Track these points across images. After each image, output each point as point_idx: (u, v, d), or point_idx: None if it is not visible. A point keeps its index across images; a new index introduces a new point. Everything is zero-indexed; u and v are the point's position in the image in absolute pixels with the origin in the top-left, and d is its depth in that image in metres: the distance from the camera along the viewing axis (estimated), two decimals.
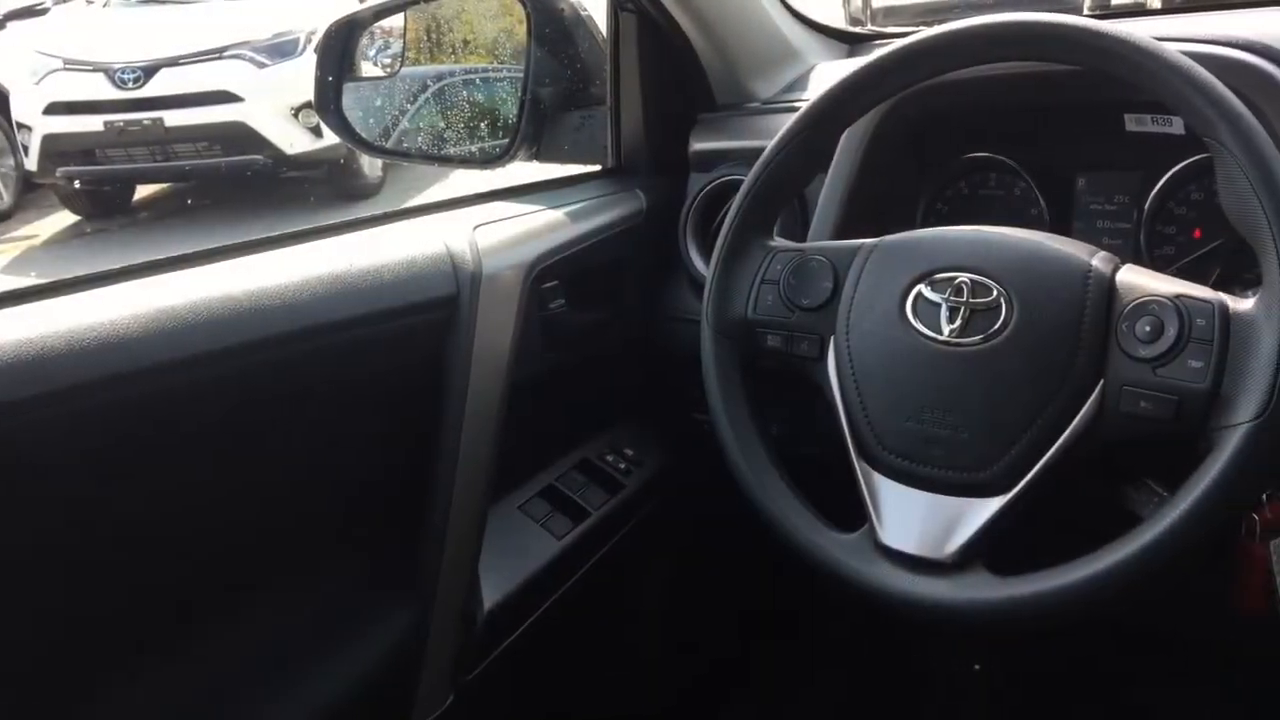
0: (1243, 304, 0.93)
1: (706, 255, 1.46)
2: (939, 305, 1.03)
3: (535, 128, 1.60)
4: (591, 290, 1.47)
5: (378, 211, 1.31)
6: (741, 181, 1.18)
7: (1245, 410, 0.89)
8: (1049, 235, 1.05)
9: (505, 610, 1.33)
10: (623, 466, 1.56)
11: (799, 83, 1.62)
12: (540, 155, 1.62)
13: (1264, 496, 1.05)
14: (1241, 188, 0.93)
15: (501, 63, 1.80)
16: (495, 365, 1.25)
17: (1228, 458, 0.89)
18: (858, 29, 1.86)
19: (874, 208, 1.37)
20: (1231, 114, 0.93)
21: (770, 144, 1.17)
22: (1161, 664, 1.72)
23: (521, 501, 1.44)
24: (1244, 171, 0.92)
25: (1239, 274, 1.23)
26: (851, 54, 1.73)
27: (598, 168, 1.63)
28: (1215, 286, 1.01)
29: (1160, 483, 1.00)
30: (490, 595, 1.32)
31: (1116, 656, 1.71)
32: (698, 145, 1.58)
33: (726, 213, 1.20)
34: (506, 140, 1.63)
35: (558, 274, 1.38)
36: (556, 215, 1.42)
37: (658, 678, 1.79)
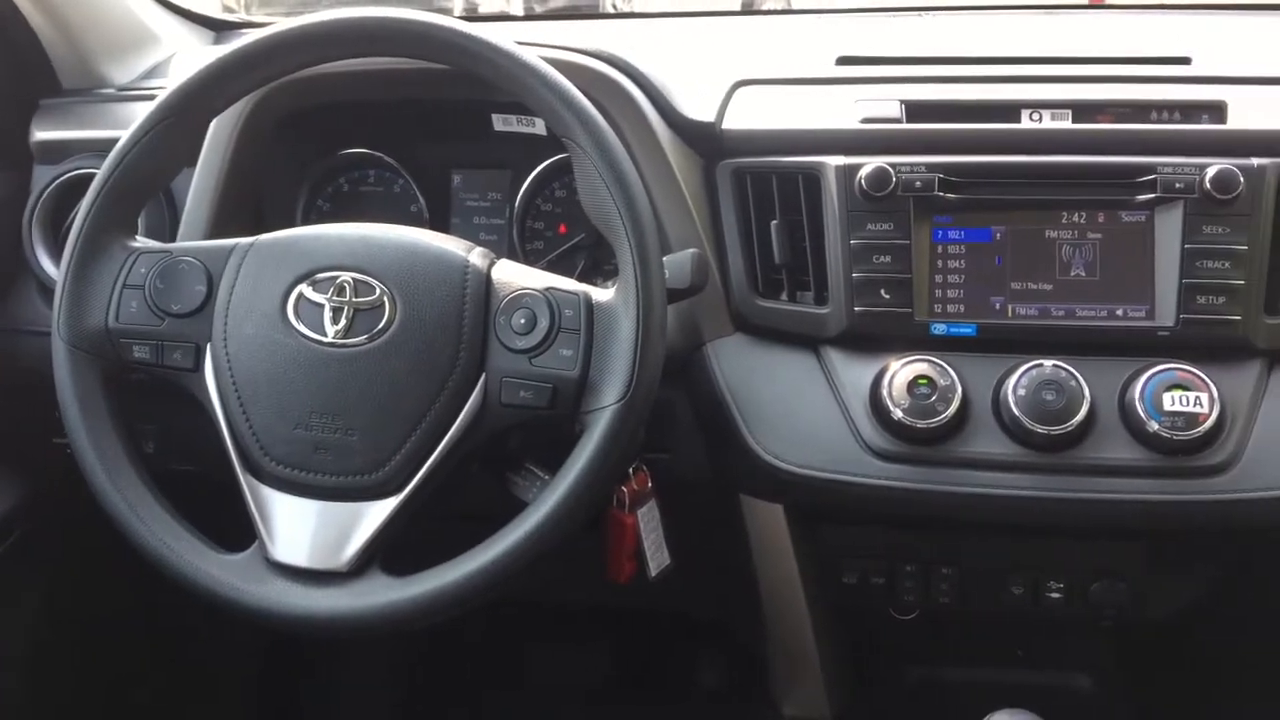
0: (604, 294, 1.00)
1: (57, 257, 1.30)
2: (322, 306, 1.00)
3: None
4: None
5: None
6: (95, 175, 1.06)
7: (610, 394, 0.96)
8: (428, 232, 1.06)
9: None
10: None
11: (159, 70, 1.49)
12: None
13: (630, 470, 1.15)
14: (596, 185, 0.99)
15: None
16: None
17: (597, 438, 0.95)
18: (230, 16, 1.76)
19: (252, 205, 1.30)
20: (584, 116, 1.00)
21: (125, 134, 1.06)
22: (557, 631, 1.84)
23: None
24: (598, 170, 0.99)
25: (601, 266, 1.33)
26: (218, 41, 1.63)
27: None
28: (581, 278, 1.07)
29: (543, 467, 1.05)
30: None
31: (514, 625, 1.79)
32: (41, 134, 1.39)
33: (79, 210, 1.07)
34: None
35: None
36: None
37: None
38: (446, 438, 0.97)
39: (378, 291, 1.00)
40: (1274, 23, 1.53)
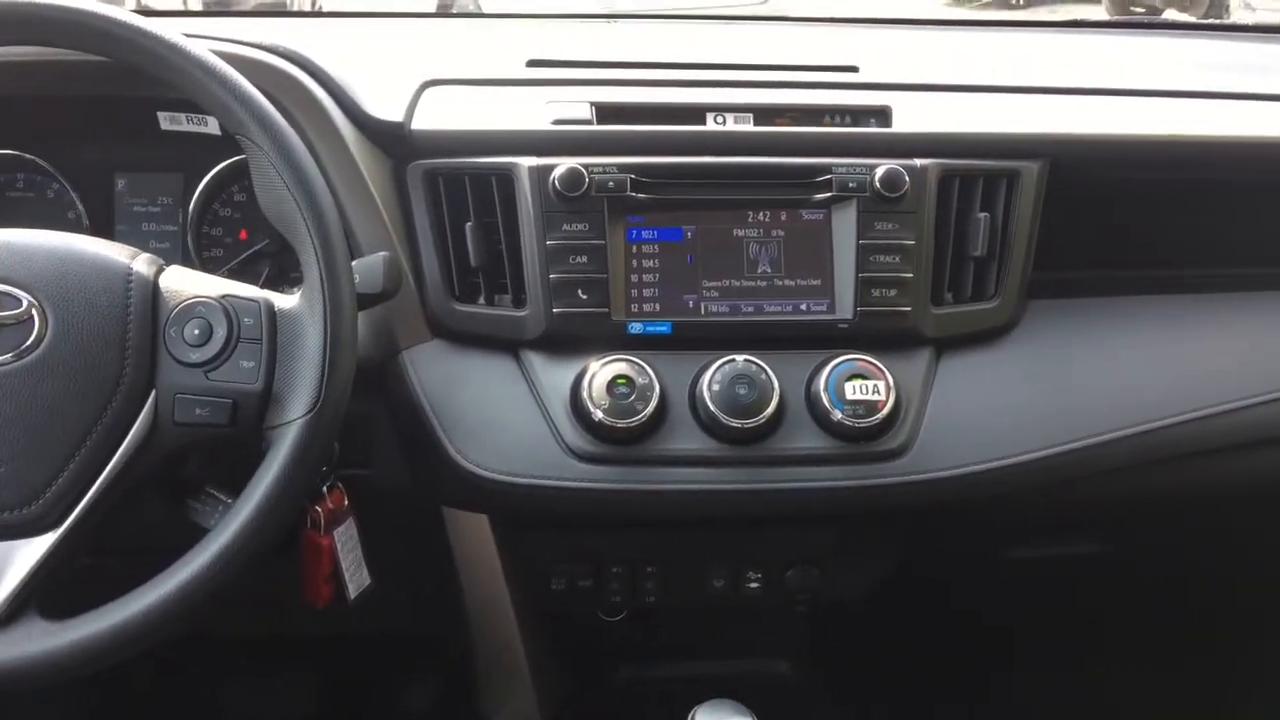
0: (288, 301, 0.95)
1: None
2: None
3: None
4: None
5: None
6: None
7: (297, 406, 0.91)
8: (83, 237, 0.96)
9: None
10: None
11: None
12: None
13: (325, 488, 1.09)
14: (276, 186, 0.94)
15: None
16: None
17: (284, 455, 0.90)
18: None
19: None
20: (260, 113, 0.94)
21: None
22: (253, 664, 1.74)
23: None
24: (278, 171, 0.93)
25: (287, 273, 1.26)
26: None
27: None
28: (266, 286, 1.01)
29: (225, 490, 0.98)
30: None
31: (205, 662, 1.68)
32: None
33: None
34: None
35: None
36: None
37: None
38: (111, 463, 0.89)
39: (24, 303, 0.90)
40: (932, 35, 1.66)
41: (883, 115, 1.23)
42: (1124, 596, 1.72)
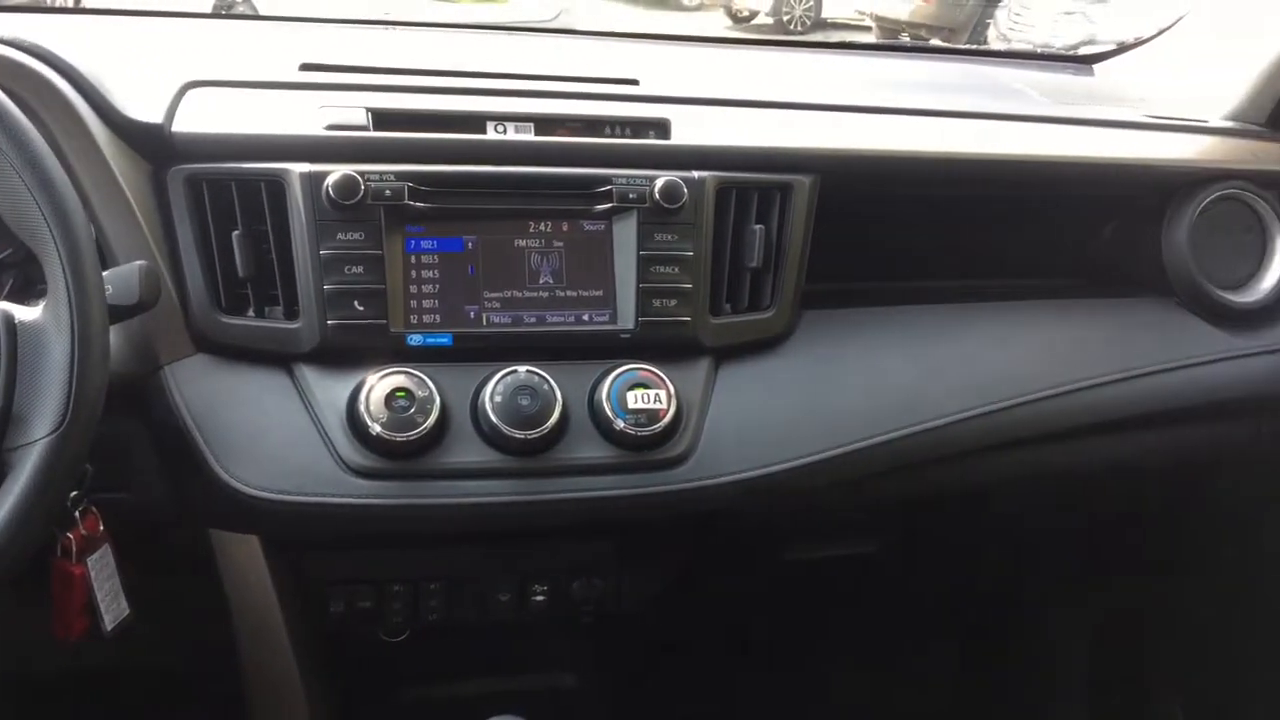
0: (30, 313, 0.88)
1: None
2: None
3: None
4: None
5: None
6: None
7: (40, 426, 0.84)
8: None
9: None
10: None
11: None
12: None
13: (77, 513, 1.02)
14: (16, 189, 0.87)
15: None
16: None
17: (25, 479, 0.83)
18: None
19: None
20: None
21: None
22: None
23: None
24: (17, 172, 0.87)
25: (35, 285, 1.17)
26: None
27: None
28: (11, 299, 0.94)
29: None
30: None
31: None
32: None
33: None
34: None
35: None
36: None
37: None
38: None
39: None
40: (711, 53, 1.70)
41: (662, 128, 1.24)
42: (904, 593, 1.79)
